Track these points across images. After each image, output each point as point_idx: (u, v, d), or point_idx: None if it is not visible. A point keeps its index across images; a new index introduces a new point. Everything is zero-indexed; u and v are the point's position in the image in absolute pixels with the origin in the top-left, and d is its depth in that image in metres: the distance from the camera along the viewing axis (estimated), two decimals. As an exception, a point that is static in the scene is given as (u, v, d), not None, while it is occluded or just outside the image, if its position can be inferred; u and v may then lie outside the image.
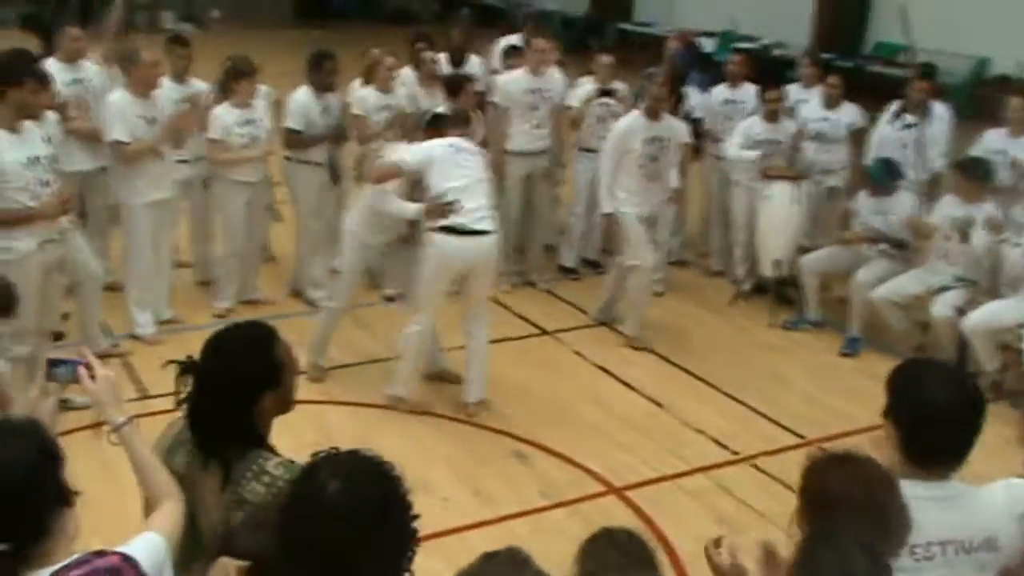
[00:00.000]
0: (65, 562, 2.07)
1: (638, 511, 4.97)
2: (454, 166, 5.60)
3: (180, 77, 6.87)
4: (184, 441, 2.60)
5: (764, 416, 6.00)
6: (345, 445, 5.63)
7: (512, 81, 7.69)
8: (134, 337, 6.49)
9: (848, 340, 6.89)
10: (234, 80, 6.76)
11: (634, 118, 6.77)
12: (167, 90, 6.59)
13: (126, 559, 2.07)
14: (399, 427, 5.69)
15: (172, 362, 2.60)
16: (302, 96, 7.07)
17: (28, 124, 5.28)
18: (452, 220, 5.49)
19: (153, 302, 6.67)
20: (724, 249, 8.16)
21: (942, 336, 6.44)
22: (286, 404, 2.62)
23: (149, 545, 2.19)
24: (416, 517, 2.00)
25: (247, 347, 2.57)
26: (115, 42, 7.09)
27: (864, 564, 1.96)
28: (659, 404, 6.13)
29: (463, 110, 6.31)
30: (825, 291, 7.41)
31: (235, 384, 2.51)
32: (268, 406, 2.56)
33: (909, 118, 7.25)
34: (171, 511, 2.36)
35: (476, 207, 5.57)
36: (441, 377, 6.24)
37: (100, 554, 2.08)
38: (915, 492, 2.41)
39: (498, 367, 6.31)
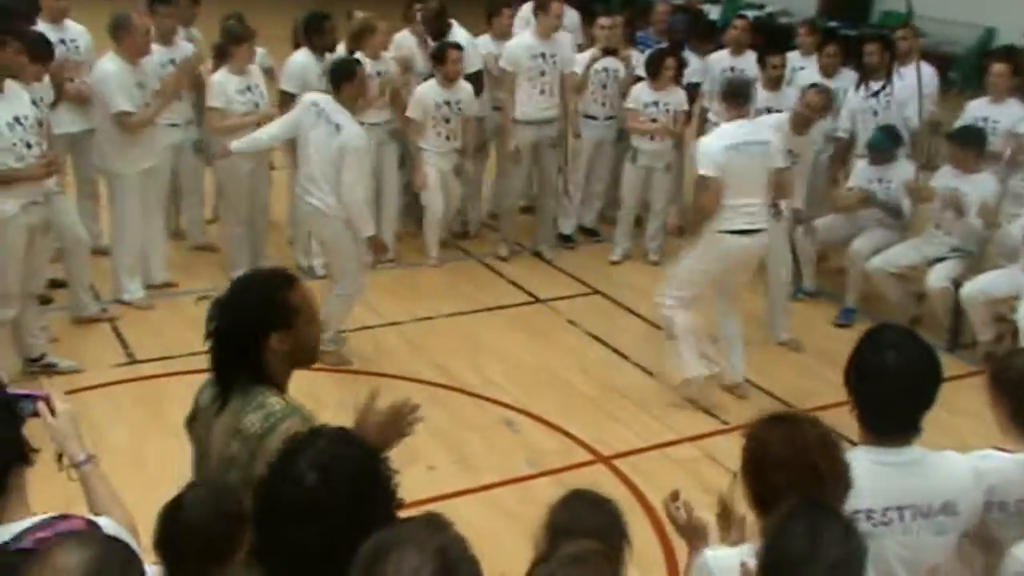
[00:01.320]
0: (29, 523, 2.04)
1: (625, 480, 4.95)
2: (743, 170, 5.44)
3: (167, 39, 6.73)
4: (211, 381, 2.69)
5: (756, 386, 5.96)
6: (332, 413, 5.60)
7: (519, 45, 7.40)
8: (122, 302, 6.45)
9: (843, 311, 6.84)
10: (233, 45, 6.66)
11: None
12: (155, 54, 6.46)
13: (91, 523, 2.05)
14: (386, 395, 5.64)
15: (203, 298, 2.69)
16: (302, 58, 6.95)
17: (14, 84, 5.20)
18: (738, 224, 5.45)
19: (143, 268, 6.62)
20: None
21: (938, 307, 6.41)
22: (303, 352, 2.65)
23: (109, 525, 2.17)
24: (400, 505, 1.96)
25: (260, 286, 2.65)
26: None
27: (838, 534, 1.94)
28: (650, 373, 6.10)
29: (743, 80, 6.25)
30: (822, 261, 7.36)
31: (243, 320, 2.57)
32: (278, 348, 2.57)
33: (873, 85, 7.14)
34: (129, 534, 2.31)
35: (758, 206, 5.54)
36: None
37: (64, 518, 2.06)
38: (873, 458, 2.41)
39: (490, 334, 6.30)
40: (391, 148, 7.37)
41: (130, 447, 4.89)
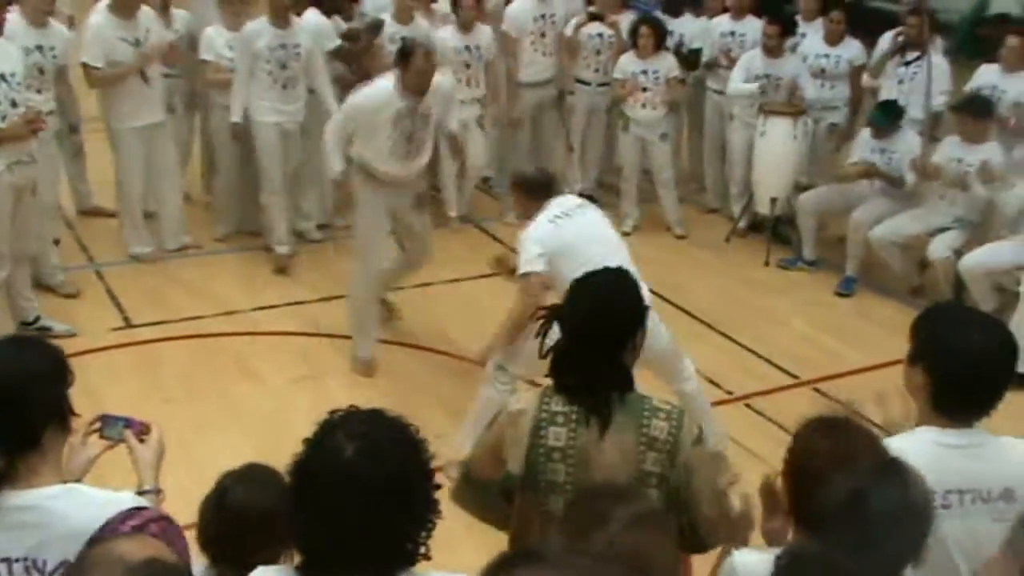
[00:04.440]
0: (114, 512, 2.00)
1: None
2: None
3: (163, 8, 6.58)
4: (553, 414, 2.48)
5: (757, 355, 5.94)
6: (333, 380, 5.48)
7: (520, 9, 7.45)
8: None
9: (844, 280, 6.82)
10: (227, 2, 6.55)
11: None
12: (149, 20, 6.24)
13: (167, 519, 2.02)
14: (387, 363, 5.59)
15: (542, 308, 2.62)
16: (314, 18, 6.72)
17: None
18: None
19: (156, 231, 6.63)
20: (720, 185, 8.02)
21: (939, 277, 6.38)
22: (639, 350, 2.56)
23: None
24: (438, 487, 1.89)
25: (625, 287, 2.56)
26: None
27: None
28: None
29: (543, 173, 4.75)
30: (822, 230, 7.31)
31: (617, 326, 2.48)
32: (630, 351, 2.51)
33: (909, 55, 7.09)
34: None
35: None
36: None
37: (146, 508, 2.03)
38: (936, 439, 2.35)
39: (488, 302, 6.22)
40: None
41: (128, 412, 4.80)
